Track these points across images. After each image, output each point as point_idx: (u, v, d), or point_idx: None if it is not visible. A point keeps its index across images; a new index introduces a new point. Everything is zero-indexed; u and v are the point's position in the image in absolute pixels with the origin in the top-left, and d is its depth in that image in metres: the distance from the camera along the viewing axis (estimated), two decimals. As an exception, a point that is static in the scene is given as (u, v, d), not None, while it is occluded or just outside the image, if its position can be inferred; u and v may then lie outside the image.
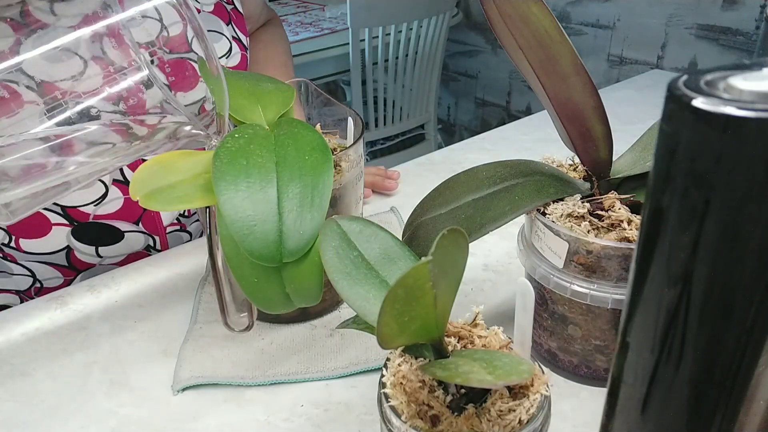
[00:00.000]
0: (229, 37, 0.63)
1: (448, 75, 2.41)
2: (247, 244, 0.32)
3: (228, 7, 0.65)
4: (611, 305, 0.37)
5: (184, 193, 0.35)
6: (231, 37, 0.64)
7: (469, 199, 0.39)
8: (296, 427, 0.40)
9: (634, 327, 0.20)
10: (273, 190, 0.34)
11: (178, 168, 0.36)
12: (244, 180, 0.33)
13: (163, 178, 0.35)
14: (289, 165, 0.35)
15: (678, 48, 1.69)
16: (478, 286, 0.52)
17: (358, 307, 0.29)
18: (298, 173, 0.35)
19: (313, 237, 0.33)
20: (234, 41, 0.64)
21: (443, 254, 0.24)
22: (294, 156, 0.35)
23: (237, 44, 0.64)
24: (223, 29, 0.63)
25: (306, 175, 0.35)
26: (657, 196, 0.18)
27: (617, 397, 0.22)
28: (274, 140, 0.37)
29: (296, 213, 0.33)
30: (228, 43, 0.63)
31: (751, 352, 0.18)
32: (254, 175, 0.34)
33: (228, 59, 0.63)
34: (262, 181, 0.34)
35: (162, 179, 0.35)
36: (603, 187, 0.40)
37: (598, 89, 0.37)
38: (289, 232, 0.33)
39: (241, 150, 0.35)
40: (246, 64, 0.66)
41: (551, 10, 0.35)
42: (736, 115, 0.15)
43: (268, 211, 0.33)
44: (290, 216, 0.33)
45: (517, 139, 0.83)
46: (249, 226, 0.32)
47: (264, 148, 0.36)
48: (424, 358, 0.29)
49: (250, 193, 0.33)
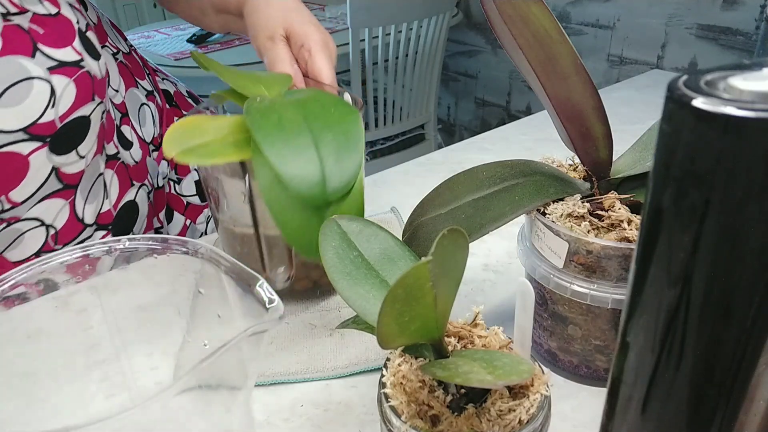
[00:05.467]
0: (43, 74, 0.45)
1: (448, 75, 2.41)
2: (295, 186, 0.34)
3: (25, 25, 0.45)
4: (611, 305, 0.37)
5: (217, 149, 0.37)
6: (47, 72, 0.46)
7: (469, 199, 0.39)
8: (296, 427, 0.40)
9: (634, 327, 0.20)
10: (308, 138, 0.36)
11: (206, 129, 0.38)
12: (279, 132, 0.36)
13: (194, 138, 0.37)
14: (317, 118, 0.37)
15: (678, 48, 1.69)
16: (478, 286, 0.52)
17: (358, 307, 0.29)
18: (328, 124, 0.37)
19: (353, 176, 0.36)
20: (54, 73, 0.46)
21: (443, 254, 0.24)
22: (320, 111, 0.38)
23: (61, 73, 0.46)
24: (29, 69, 0.45)
25: (336, 125, 0.37)
26: (657, 196, 0.18)
27: (617, 397, 0.22)
28: (295, 101, 0.39)
29: (334, 157, 0.35)
30: (46, 86, 0.45)
31: (751, 352, 0.18)
32: (288, 127, 0.36)
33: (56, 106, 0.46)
34: (297, 132, 0.36)
35: (193, 139, 0.37)
36: (603, 187, 0.40)
37: (598, 89, 0.37)
38: (331, 173, 0.35)
39: (270, 108, 0.37)
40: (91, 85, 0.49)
41: (551, 10, 0.35)
42: (736, 115, 0.15)
43: (309, 156, 0.35)
44: (329, 159, 0.35)
45: (517, 139, 0.83)
46: (294, 170, 0.34)
47: (289, 106, 0.38)
48: (424, 358, 0.30)
49: (288, 142, 0.35)
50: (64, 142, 0.48)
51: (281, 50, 0.50)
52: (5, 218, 0.47)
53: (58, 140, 0.48)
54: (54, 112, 0.46)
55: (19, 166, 0.46)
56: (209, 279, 0.40)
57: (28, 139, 0.45)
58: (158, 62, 1.64)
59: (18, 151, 0.45)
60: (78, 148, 0.50)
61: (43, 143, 0.47)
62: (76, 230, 0.53)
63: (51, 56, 0.46)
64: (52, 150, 0.48)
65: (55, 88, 0.46)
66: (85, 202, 0.53)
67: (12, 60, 0.44)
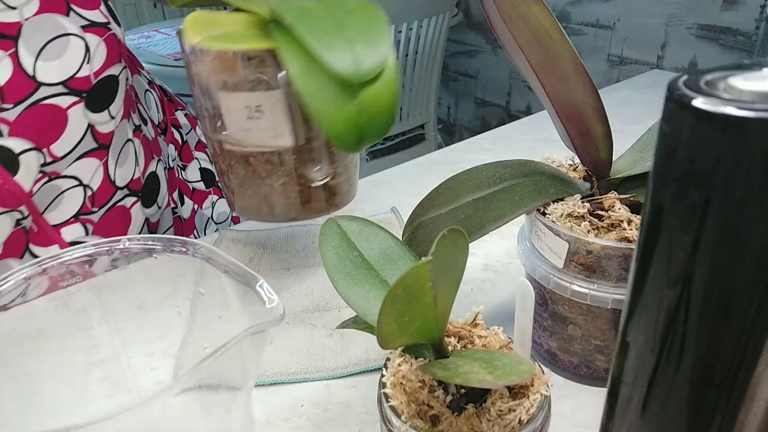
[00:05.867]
0: (78, 31, 0.48)
1: (448, 75, 2.41)
2: (333, 64, 0.34)
3: None
4: (611, 305, 0.37)
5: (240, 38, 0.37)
6: (81, 29, 0.48)
7: (469, 199, 0.39)
8: (296, 427, 0.40)
9: (634, 327, 0.20)
10: (333, 23, 0.36)
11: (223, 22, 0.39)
12: (307, 19, 0.36)
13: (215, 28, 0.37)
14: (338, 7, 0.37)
15: (678, 48, 1.69)
16: (478, 286, 0.52)
17: (358, 307, 0.29)
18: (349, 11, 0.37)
19: (385, 56, 0.36)
20: (87, 31, 0.49)
21: (443, 254, 0.24)
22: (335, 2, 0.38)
23: (92, 32, 0.49)
24: (66, 26, 0.47)
25: (356, 11, 0.37)
26: (657, 196, 0.18)
27: (617, 397, 0.22)
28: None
29: (363, 39, 0.36)
30: (81, 42, 0.48)
31: (751, 352, 0.18)
32: (313, 14, 0.36)
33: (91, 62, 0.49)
34: (323, 18, 0.36)
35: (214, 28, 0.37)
36: (603, 187, 0.40)
37: (598, 89, 0.37)
38: (362, 54, 0.35)
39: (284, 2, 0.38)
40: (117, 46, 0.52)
41: (551, 10, 0.35)
42: (736, 115, 0.15)
43: (338, 38, 0.35)
44: (358, 42, 0.36)
45: (517, 139, 0.83)
46: (329, 51, 0.35)
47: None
48: (424, 358, 0.30)
49: (317, 28, 0.35)
50: (98, 99, 0.51)
51: None
52: (47, 172, 0.49)
53: (93, 97, 0.50)
54: (89, 67, 0.49)
55: (59, 119, 0.48)
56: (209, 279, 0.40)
57: (67, 93, 0.48)
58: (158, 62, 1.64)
59: (58, 104, 0.48)
60: (110, 107, 0.52)
61: (80, 98, 0.49)
62: (110, 192, 0.54)
63: (83, 15, 0.49)
64: (88, 106, 0.50)
65: (89, 44, 0.49)
66: (116, 165, 0.55)
67: (50, 17, 0.46)
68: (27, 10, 0.45)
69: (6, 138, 0.45)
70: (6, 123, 0.45)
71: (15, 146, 0.46)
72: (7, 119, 0.45)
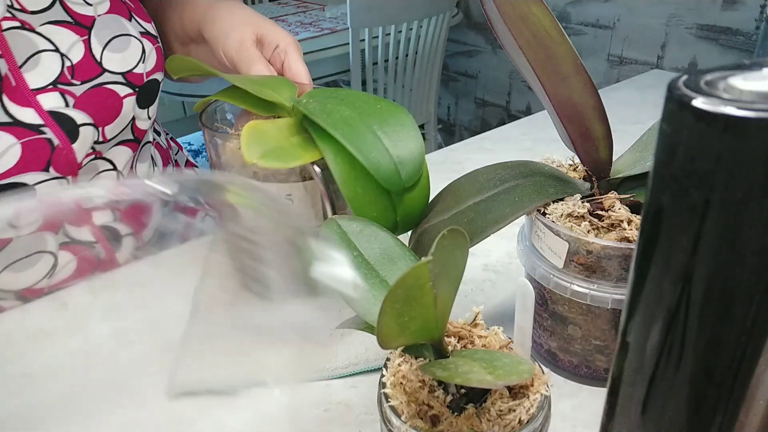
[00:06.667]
0: (137, 35, 0.55)
1: (448, 75, 2.41)
2: (381, 176, 0.37)
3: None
4: (611, 305, 0.37)
5: (290, 151, 0.39)
6: (139, 34, 0.55)
7: (470, 203, 0.39)
8: (296, 427, 0.40)
9: (634, 327, 0.20)
10: (371, 134, 0.38)
11: (271, 133, 0.40)
12: (350, 129, 0.38)
13: (266, 142, 0.39)
14: (369, 114, 0.39)
15: (678, 48, 1.69)
16: (478, 286, 0.52)
17: (358, 307, 0.29)
18: (381, 119, 0.39)
19: (421, 161, 0.39)
20: (143, 37, 0.56)
21: (443, 254, 0.24)
22: (367, 107, 0.40)
23: (148, 39, 0.56)
24: (129, 28, 0.55)
25: (389, 118, 0.39)
26: (657, 196, 0.18)
27: (617, 397, 0.22)
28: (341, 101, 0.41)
29: (399, 147, 0.38)
30: (139, 44, 0.55)
31: (751, 352, 0.18)
32: (353, 125, 0.38)
33: (145, 63, 0.56)
34: (363, 128, 0.38)
35: (266, 143, 0.39)
36: (603, 187, 0.40)
37: (598, 89, 0.37)
38: (402, 162, 0.38)
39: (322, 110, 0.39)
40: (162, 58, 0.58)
41: (551, 10, 0.35)
42: (736, 115, 0.15)
43: (380, 148, 0.38)
44: (395, 150, 0.38)
45: (517, 139, 0.83)
46: (376, 164, 0.37)
47: (338, 104, 0.40)
48: (424, 358, 0.30)
49: (360, 138, 0.38)
50: (145, 96, 0.56)
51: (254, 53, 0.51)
52: (96, 150, 0.54)
53: (142, 93, 0.56)
54: (143, 67, 0.55)
55: (116, 105, 0.54)
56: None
57: (124, 84, 0.54)
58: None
59: (117, 91, 0.53)
60: (149, 107, 0.58)
61: (134, 91, 0.55)
62: None
63: (141, 24, 0.56)
64: (137, 100, 0.56)
65: (145, 48, 0.56)
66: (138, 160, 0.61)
67: (117, 18, 0.54)
68: (100, 8, 0.53)
69: (71, 109, 0.50)
70: (72, 96, 0.50)
71: (77, 117, 0.51)
72: (74, 93, 0.50)
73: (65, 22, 0.50)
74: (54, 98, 0.49)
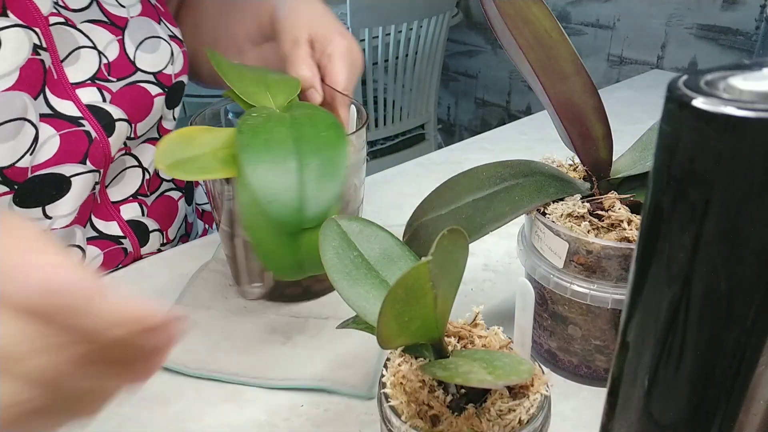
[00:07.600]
0: (166, 38, 0.57)
1: (448, 75, 2.41)
2: (272, 210, 0.35)
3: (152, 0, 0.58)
4: (611, 305, 0.37)
5: (205, 164, 0.38)
6: (168, 37, 0.57)
7: (469, 200, 0.39)
8: (296, 427, 0.40)
9: (634, 327, 0.20)
10: (294, 162, 0.36)
11: (199, 142, 0.39)
12: (266, 152, 0.36)
13: (186, 150, 0.38)
14: (306, 141, 0.38)
15: (678, 48, 1.69)
16: (478, 286, 0.52)
17: (358, 307, 0.29)
18: (315, 148, 0.37)
19: (330, 205, 0.36)
20: (172, 40, 0.58)
21: (443, 254, 0.24)
22: (311, 133, 0.38)
23: (175, 42, 0.58)
24: (159, 31, 0.57)
25: (323, 150, 0.37)
26: (657, 196, 0.18)
27: (617, 397, 0.22)
28: (290, 119, 0.40)
29: (315, 183, 0.36)
30: (168, 47, 0.57)
31: (751, 352, 0.18)
32: (275, 148, 0.37)
33: (174, 65, 0.57)
34: (284, 154, 0.37)
35: (185, 151, 0.38)
36: (603, 187, 0.40)
37: (598, 89, 0.37)
38: (309, 201, 0.35)
39: (262, 126, 0.38)
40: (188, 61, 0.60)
41: (551, 10, 0.35)
42: (736, 115, 0.15)
43: (290, 181, 0.36)
44: (310, 186, 0.36)
45: (517, 139, 0.83)
46: (273, 194, 0.35)
47: (282, 125, 0.39)
48: (424, 358, 0.30)
49: (273, 165, 0.36)
50: (172, 97, 0.59)
51: (302, 52, 0.51)
52: (127, 145, 0.56)
53: (170, 94, 0.58)
54: (172, 68, 0.58)
55: (148, 103, 0.56)
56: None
57: (155, 83, 0.56)
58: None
59: (149, 90, 0.56)
60: (175, 109, 0.60)
61: (163, 92, 0.57)
62: (158, 181, 0.62)
63: (169, 27, 0.59)
64: (166, 101, 0.58)
65: (173, 50, 0.58)
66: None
67: (148, 20, 0.56)
68: (133, 10, 0.55)
69: (107, 104, 0.52)
70: (109, 92, 0.53)
71: (113, 112, 0.53)
72: (111, 89, 0.53)
73: (102, 22, 0.53)
74: (92, 93, 0.51)
